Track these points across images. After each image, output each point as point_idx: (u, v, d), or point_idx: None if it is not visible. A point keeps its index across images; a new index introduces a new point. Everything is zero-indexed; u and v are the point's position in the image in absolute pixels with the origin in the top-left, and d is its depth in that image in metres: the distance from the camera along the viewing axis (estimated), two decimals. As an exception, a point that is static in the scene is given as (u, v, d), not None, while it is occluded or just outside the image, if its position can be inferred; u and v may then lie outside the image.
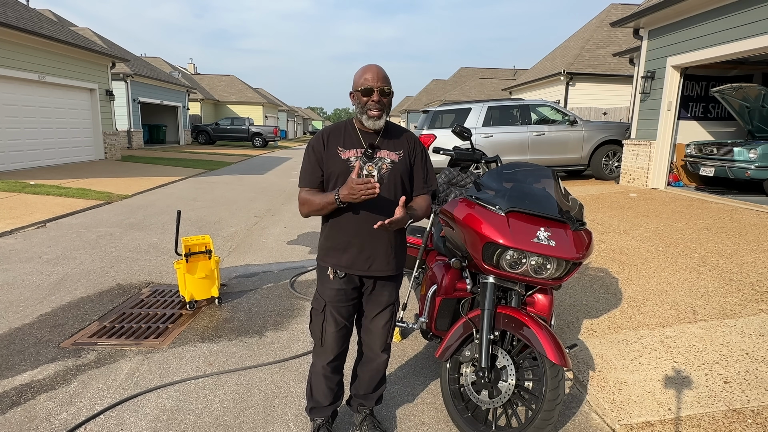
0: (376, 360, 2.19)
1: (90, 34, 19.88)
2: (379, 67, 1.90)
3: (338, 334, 2.08)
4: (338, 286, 2.03)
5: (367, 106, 1.89)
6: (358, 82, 1.90)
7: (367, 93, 1.87)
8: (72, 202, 7.78)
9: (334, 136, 1.99)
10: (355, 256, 1.98)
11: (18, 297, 3.89)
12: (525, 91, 19.34)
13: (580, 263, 2.12)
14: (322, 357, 2.12)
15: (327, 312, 2.06)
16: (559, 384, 2.03)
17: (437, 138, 9.51)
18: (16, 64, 10.86)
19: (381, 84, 1.87)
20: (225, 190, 10.09)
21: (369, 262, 1.99)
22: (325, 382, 2.15)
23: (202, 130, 27.46)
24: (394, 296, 2.14)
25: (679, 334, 3.09)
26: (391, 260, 2.03)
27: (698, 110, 9.18)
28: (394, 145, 2.00)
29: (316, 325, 2.10)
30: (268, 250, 5.46)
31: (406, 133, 2.08)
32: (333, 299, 2.04)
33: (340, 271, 2.01)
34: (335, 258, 2.01)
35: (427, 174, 2.09)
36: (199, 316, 3.62)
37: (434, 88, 42.47)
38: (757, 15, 6.39)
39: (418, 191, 2.08)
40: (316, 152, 1.97)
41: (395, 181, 1.97)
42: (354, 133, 1.99)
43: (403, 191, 2.01)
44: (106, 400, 2.50)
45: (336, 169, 1.94)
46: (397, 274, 2.10)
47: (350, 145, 1.96)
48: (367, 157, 1.94)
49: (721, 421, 2.28)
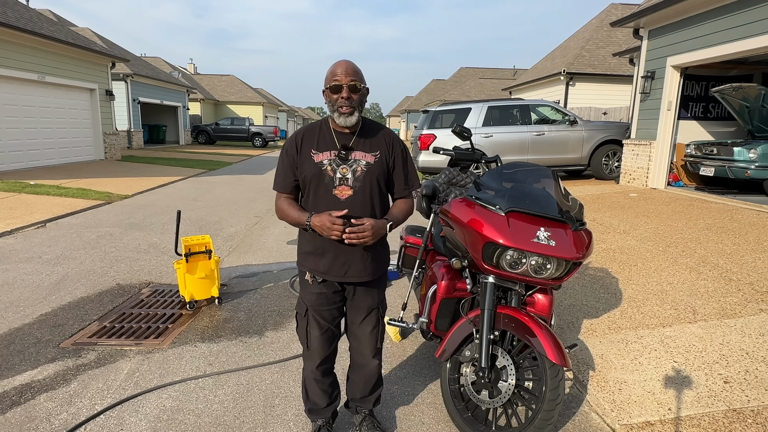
0: (368, 366, 2.14)
1: (90, 34, 19.87)
2: (348, 62, 1.83)
3: (323, 337, 2.06)
4: (318, 290, 2.00)
5: (338, 104, 1.82)
6: (328, 79, 1.82)
7: (336, 90, 1.80)
8: (72, 202, 7.78)
9: (308, 137, 1.92)
10: (331, 261, 1.93)
11: (18, 297, 3.89)
12: (525, 91, 19.34)
13: (580, 263, 2.12)
14: (311, 361, 2.10)
15: (310, 316, 2.03)
16: (559, 384, 2.03)
17: (437, 138, 9.52)
18: (16, 64, 10.87)
19: (350, 79, 1.79)
20: (225, 190, 10.09)
21: (345, 268, 1.94)
22: (317, 385, 2.14)
23: (202, 130, 27.47)
24: (377, 300, 2.08)
25: (679, 334, 3.09)
26: (368, 265, 1.97)
27: (698, 110, 9.18)
28: (370, 145, 1.92)
29: (301, 329, 2.08)
30: (268, 250, 5.46)
31: (384, 131, 1.99)
32: (314, 303, 2.01)
33: (317, 276, 1.98)
34: (313, 263, 1.97)
35: (407, 175, 2.02)
36: (199, 316, 3.62)
37: (434, 88, 42.49)
38: (757, 15, 6.38)
39: (399, 193, 2.02)
40: (290, 156, 1.92)
41: (371, 184, 1.90)
42: (328, 134, 1.91)
43: (379, 194, 1.94)
44: (106, 400, 2.50)
45: (309, 172, 1.87)
46: (376, 278, 2.04)
47: (324, 147, 1.89)
48: (340, 159, 1.87)
49: (721, 421, 2.28)
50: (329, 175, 1.87)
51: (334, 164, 1.87)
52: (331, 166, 1.87)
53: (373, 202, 1.92)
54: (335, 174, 1.87)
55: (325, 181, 1.87)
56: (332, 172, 1.87)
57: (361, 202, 1.89)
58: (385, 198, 2.01)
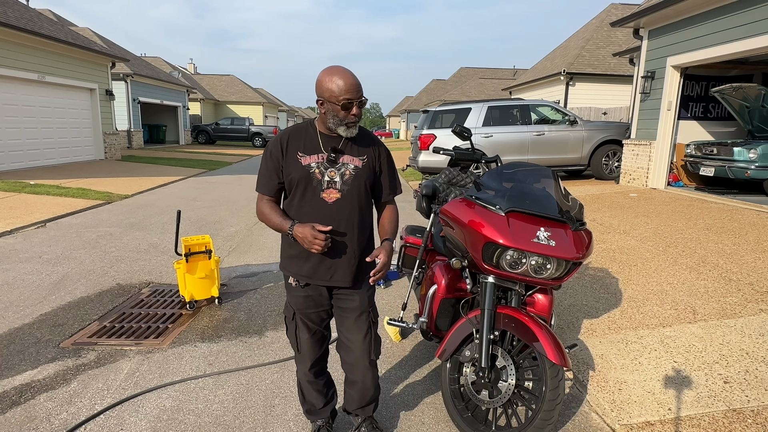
0: (363, 380, 2.07)
1: (90, 34, 19.88)
2: (352, 75, 1.79)
3: (312, 340, 2.05)
4: (304, 293, 1.98)
5: (347, 120, 1.80)
6: (334, 93, 1.75)
7: (348, 107, 1.78)
8: (72, 202, 7.78)
9: (294, 140, 1.89)
10: (317, 265, 1.91)
11: (18, 297, 3.89)
12: (525, 91, 19.34)
13: (580, 263, 2.12)
14: (303, 364, 2.09)
15: (297, 319, 2.02)
16: (559, 384, 2.03)
17: (437, 138, 9.52)
18: (16, 64, 10.87)
19: (359, 95, 1.78)
20: (225, 189, 10.09)
21: (330, 272, 1.92)
22: (312, 386, 2.14)
23: (202, 130, 27.48)
24: (367, 303, 2.02)
25: (679, 334, 3.09)
26: (354, 269, 1.94)
27: (698, 110, 9.18)
28: (357, 150, 1.91)
29: (290, 332, 2.07)
30: (268, 250, 5.46)
31: (370, 136, 2.00)
32: (301, 307, 2.00)
33: (301, 280, 1.96)
34: (296, 267, 1.95)
35: (392, 180, 2.03)
36: (199, 316, 3.62)
37: (434, 88, 42.50)
38: (757, 15, 6.39)
39: (385, 197, 2.03)
40: (274, 158, 1.88)
41: (359, 188, 1.89)
42: (315, 137, 1.89)
43: (366, 198, 1.94)
44: (106, 400, 2.50)
45: (296, 174, 1.85)
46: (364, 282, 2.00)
47: (311, 150, 1.87)
48: (329, 163, 1.86)
49: (721, 421, 2.28)
50: (317, 178, 1.85)
51: (322, 167, 1.86)
52: (319, 169, 1.86)
53: (360, 205, 1.92)
54: (323, 177, 1.86)
55: (312, 184, 1.86)
56: (320, 175, 1.85)
57: (349, 206, 1.89)
58: (371, 202, 1.99)
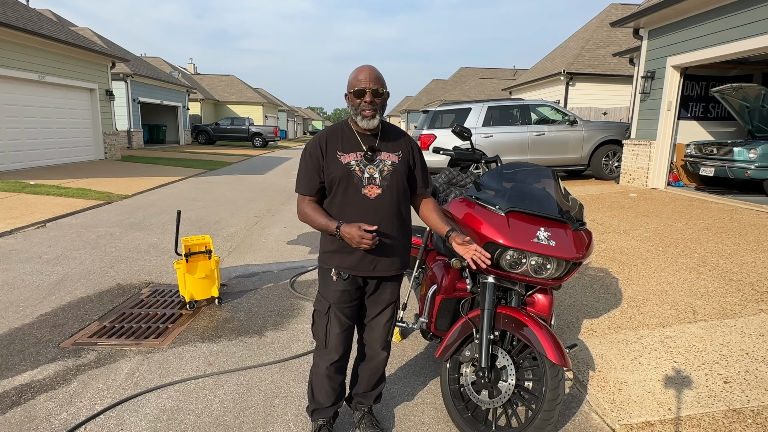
0: (376, 358, 2.21)
1: (90, 34, 19.88)
2: (371, 68, 1.91)
3: (343, 335, 2.10)
4: (342, 287, 2.04)
5: (361, 107, 1.90)
6: (352, 84, 1.91)
7: (360, 94, 1.89)
8: (72, 202, 7.78)
9: (332, 140, 1.99)
10: (361, 257, 2.00)
11: (18, 297, 3.89)
12: (525, 91, 19.34)
13: (580, 263, 2.12)
14: (326, 358, 2.12)
15: (331, 313, 2.07)
16: (559, 384, 2.03)
17: (437, 138, 9.51)
18: (16, 64, 10.86)
19: (373, 85, 1.88)
20: (225, 190, 10.09)
21: (374, 263, 2.01)
22: (328, 383, 2.16)
23: (202, 130, 27.46)
24: (396, 294, 2.17)
25: (679, 334, 3.09)
26: (395, 260, 2.06)
27: (698, 110, 9.18)
28: (392, 146, 2.03)
29: (319, 327, 2.11)
30: (268, 250, 5.46)
31: (402, 133, 2.11)
32: (337, 301, 2.05)
33: (344, 272, 2.02)
34: (339, 260, 2.02)
35: (425, 173, 2.14)
36: (199, 316, 3.62)
37: (434, 88, 42.47)
38: (757, 15, 6.39)
39: (420, 190, 2.13)
40: (314, 159, 1.97)
41: (397, 182, 2.00)
42: (352, 136, 2.00)
43: (404, 191, 2.05)
44: (106, 400, 2.50)
45: (337, 173, 1.94)
46: (400, 273, 2.13)
47: (349, 148, 1.97)
48: (367, 160, 1.96)
49: (721, 421, 2.28)
50: (358, 175, 1.95)
51: (361, 164, 1.95)
52: (358, 166, 1.95)
53: (399, 198, 2.02)
54: (363, 174, 1.95)
55: (354, 181, 1.94)
56: (360, 172, 1.95)
57: (389, 200, 1.98)
58: (408, 195, 2.09)
